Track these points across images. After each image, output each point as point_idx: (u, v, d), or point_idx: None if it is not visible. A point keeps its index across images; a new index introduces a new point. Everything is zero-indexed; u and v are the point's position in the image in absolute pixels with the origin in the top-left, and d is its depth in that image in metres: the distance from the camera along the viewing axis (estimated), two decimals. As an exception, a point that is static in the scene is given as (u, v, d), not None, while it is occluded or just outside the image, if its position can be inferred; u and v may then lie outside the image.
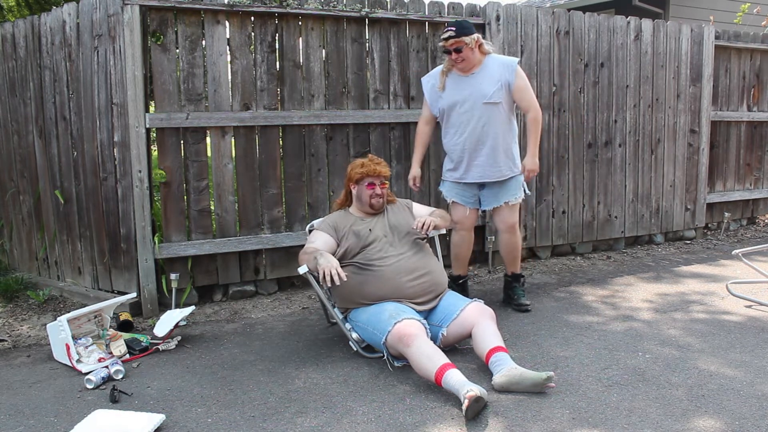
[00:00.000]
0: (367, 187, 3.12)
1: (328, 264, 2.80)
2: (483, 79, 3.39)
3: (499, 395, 2.49)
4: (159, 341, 3.18)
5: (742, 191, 5.93)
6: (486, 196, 3.55)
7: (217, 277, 3.85)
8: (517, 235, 3.62)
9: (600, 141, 4.91)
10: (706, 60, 5.36)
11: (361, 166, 3.15)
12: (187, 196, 3.73)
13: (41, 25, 3.90)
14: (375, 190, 3.12)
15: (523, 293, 3.68)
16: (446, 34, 3.31)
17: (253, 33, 3.79)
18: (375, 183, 3.12)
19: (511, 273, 3.72)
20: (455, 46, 3.30)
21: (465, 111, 3.40)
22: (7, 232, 4.49)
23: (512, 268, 3.71)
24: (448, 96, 3.45)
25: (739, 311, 3.54)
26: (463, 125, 3.43)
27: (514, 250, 3.65)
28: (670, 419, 2.29)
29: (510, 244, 3.63)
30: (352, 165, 3.22)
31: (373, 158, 3.22)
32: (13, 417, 2.44)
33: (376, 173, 3.12)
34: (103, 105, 3.63)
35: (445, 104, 3.47)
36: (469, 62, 3.36)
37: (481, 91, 3.37)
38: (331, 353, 3.03)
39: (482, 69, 3.41)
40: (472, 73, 3.40)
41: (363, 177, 3.12)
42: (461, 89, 3.41)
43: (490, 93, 3.36)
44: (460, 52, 3.31)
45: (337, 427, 2.30)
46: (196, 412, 2.45)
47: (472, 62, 3.36)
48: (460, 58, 3.32)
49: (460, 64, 3.36)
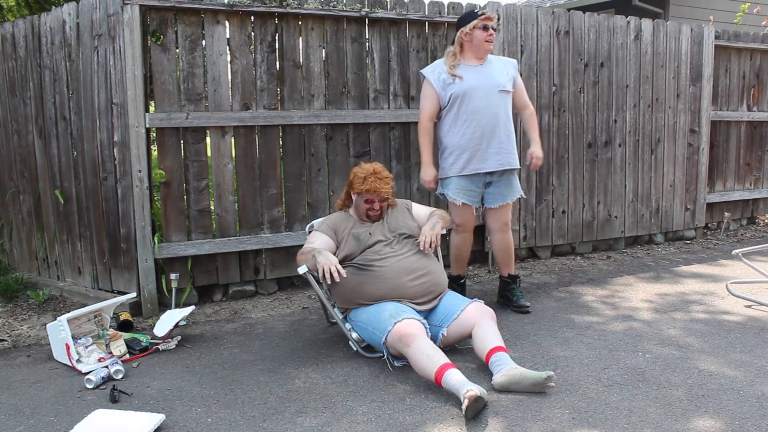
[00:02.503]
0: (366, 201, 3.09)
1: (327, 261, 2.80)
2: (494, 69, 3.45)
3: (499, 395, 2.49)
4: (159, 341, 3.18)
5: (742, 191, 5.93)
6: (492, 194, 3.49)
7: (217, 277, 3.85)
8: (509, 235, 3.60)
9: (600, 141, 4.91)
10: (706, 60, 5.36)
11: (364, 182, 3.04)
12: (187, 196, 3.73)
13: (41, 24, 3.90)
14: (373, 205, 3.08)
15: (521, 294, 3.64)
16: (494, 18, 3.42)
17: (253, 33, 3.79)
18: (374, 200, 3.08)
19: (507, 275, 3.68)
20: (493, 23, 3.41)
21: (481, 97, 3.38)
22: (7, 232, 4.49)
23: (508, 269, 3.67)
24: (462, 83, 3.39)
25: (739, 311, 3.54)
26: (479, 112, 3.38)
27: (509, 249, 3.62)
28: (670, 419, 2.29)
29: (505, 243, 3.60)
30: (355, 174, 3.11)
31: (379, 173, 3.07)
32: (13, 417, 2.44)
33: (377, 192, 3.05)
34: (103, 105, 3.63)
35: (459, 90, 3.38)
36: (490, 46, 3.45)
37: (494, 79, 3.42)
38: (331, 353, 3.03)
39: (488, 62, 3.48)
40: (482, 63, 3.46)
41: (362, 192, 3.08)
42: (474, 76, 3.41)
43: (503, 82, 3.43)
44: (495, 31, 3.44)
45: (337, 427, 2.30)
46: (196, 412, 2.45)
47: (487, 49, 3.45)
48: (492, 37, 3.42)
49: (490, 43, 3.43)
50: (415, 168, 4.27)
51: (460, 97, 3.39)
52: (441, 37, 4.30)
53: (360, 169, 3.13)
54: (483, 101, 3.38)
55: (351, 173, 3.17)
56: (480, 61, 3.46)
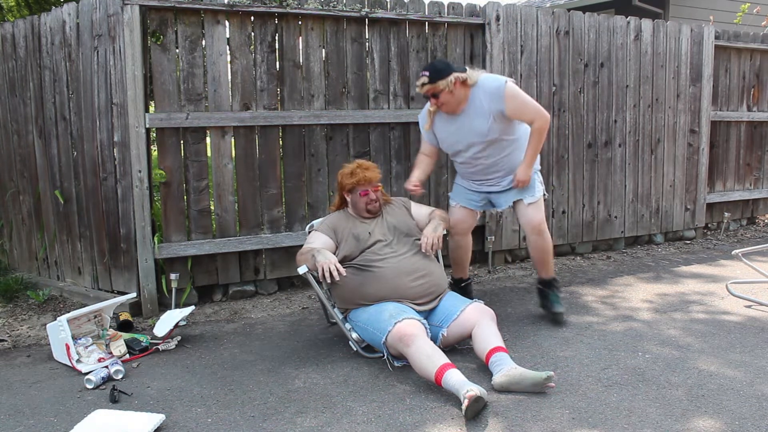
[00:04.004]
0: (362, 194, 3.10)
1: (326, 261, 2.81)
2: (473, 116, 3.13)
3: (499, 395, 2.49)
4: (159, 341, 3.18)
5: (742, 191, 5.93)
6: (496, 197, 3.41)
7: (217, 277, 3.85)
8: (544, 237, 3.33)
9: (600, 141, 4.91)
10: (706, 60, 5.36)
11: (351, 175, 3.10)
12: (187, 196, 3.73)
13: (41, 25, 3.90)
14: (369, 196, 3.10)
15: (557, 299, 3.41)
16: (420, 80, 3.07)
17: (253, 33, 3.79)
18: (368, 189, 3.10)
19: (540, 278, 3.49)
20: (431, 92, 3.07)
21: (465, 151, 3.24)
22: (7, 232, 4.49)
23: (542, 272, 3.46)
24: (444, 138, 3.28)
25: (739, 311, 3.54)
26: (468, 162, 3.29)
27: (541, 253, 3.37)
28: (670, 419, 2.29)
29: (536, 247, 3.36)
30: (342, 174, 3.17)
31: (362, 164, 3.16)
32: (13, 417, 2.44)
33: (368, 180, 3.09)
34: (103, 105, 3.63)
35: (444, 146, 3.32)
36: (451, 105, 3.11)
37: (473, 130, 3.15)
38: (331, 353, 3.03)
39: (470, 104, 3.13)
40: (461, 112, 3.15)
41: (354, 186, 3.11)
42: (455, 130, 3.21)
43: (485, 131, 3.13)
44: (437, 98, 3.08)
45: (337, 427, 2.30)
46: (196, 412, 2.45)
47: (454, 104, 3.11)
48: (439, 102, 3.09)
49: (442, 108, 3.14)
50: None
51: (449, 152, 3.35)
52: (441, 38, 4.30)
53: (344, 169, 3.20)
54: (470, 154, 3.25)
55: (338, 177, 3.22)
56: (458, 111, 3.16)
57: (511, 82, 3.10)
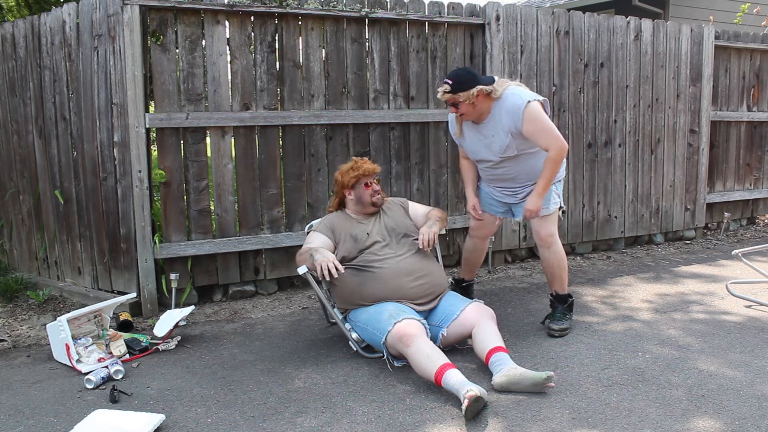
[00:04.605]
0: (365, 188, 3.12)
1: (324, 259, 2.82)
2: (494, 130, 3.06)
3: (499, 395, 2.49)
4: (159, 341, 3.18)
5: (742, 191, 5.93)
6: (515, 207, 3.33)
7: (216, 277, 3.85)
8: (553, 250, 3.21)
9: (600, 141, 4.91)
10: (706, 60, 5.36)
11: (353, 170, 3.14)
12: (187, 196, 3.73)
13: (41, 25, 3.90)
14: (372, 187, 3.13)
15: (560, 316, 3.24)
16: (442, 87, 2.99)
17: (253, 33, 3.79)
18: (370, 182, 3.13)
19: (552, 293, 3.34)
20: (452, 102, 3.00)
21: (484, 161, 3.21)
22: (7, 232, 4.49)
23: (553, 286, 3.32)
24: (468, 145, 3.24)
25: (739, 311, 3.54)
26: (488, 170, 3.26)
27: (550, 267, 3.25)
28: (670, 419, 2.29)
29: (546, 260, 3.26)
30: (341, 172, 3.19)
31: (358, 159, 3.21)
32: (13, 417, 2.44)
33: (369, 172, 3.13)
34: (103, 105, 3.63)
35: (468, 152, 3.29)
36: (471, 116, 3.05)
37: (491, 147, 3.10)
38: (331, 353, 3.03)
39: (491, 117, 3.05)
40: (482, 123, 3.09)
41: (358, 180, 3.12)
42: (477, 140, 3.16)
43: (502, 148, 3.06)
44: (457, 107, 3.01)
45: (337, 427, 2.30)
46: (196, 412, 2.45)
47: (475, 115, 3.04)
48: (459, 112, 3.03)
49: (462, 117, 3.09)
50: (415, 168, 4.28)
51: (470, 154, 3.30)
52: (441, 38, 4.30)
53: (341, 168, 3.23)
54: (488, 165, 3.21)
55: (335, 177, 3.24)
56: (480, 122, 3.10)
57: (534, 103, 2.96)
